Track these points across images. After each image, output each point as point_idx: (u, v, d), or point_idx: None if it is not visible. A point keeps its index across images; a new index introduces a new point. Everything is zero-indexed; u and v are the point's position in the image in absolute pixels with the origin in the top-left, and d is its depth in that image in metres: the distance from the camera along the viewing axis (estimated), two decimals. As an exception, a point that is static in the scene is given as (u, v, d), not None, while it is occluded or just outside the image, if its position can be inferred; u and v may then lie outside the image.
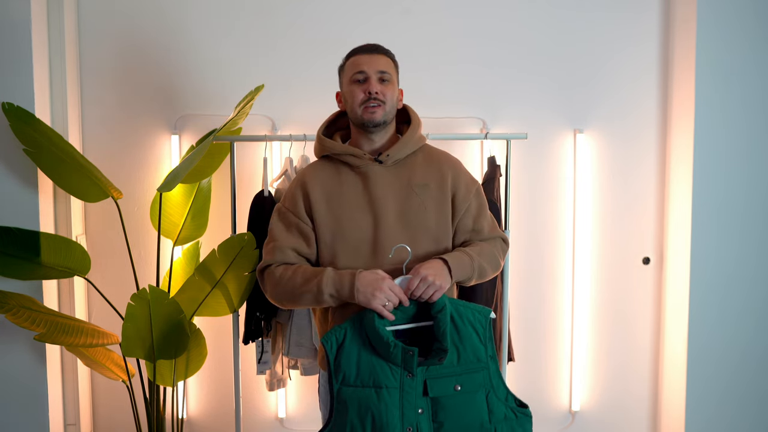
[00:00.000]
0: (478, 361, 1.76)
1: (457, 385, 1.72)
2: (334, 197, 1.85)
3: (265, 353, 2.55)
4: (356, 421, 1.71)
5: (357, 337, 1.72)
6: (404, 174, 1.87)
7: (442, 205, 1.86)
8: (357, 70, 1.86)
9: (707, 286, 2.87)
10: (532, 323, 3.02)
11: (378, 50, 1.89)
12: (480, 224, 1.90)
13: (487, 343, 1.77)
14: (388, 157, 1.85)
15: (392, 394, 1.70)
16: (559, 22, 2.96)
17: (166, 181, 2.42)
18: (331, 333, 1.73)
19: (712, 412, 2.92)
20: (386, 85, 1.85)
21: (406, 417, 1.70)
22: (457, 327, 1.74)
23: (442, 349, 1.69)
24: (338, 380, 1.73)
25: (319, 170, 1.92)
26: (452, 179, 1.89)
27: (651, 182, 3.02)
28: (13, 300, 2.41)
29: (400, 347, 1.67)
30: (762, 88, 2.85)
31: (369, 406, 1.70)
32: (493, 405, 1.75)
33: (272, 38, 2.91)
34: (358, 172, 1.87)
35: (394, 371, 1.70)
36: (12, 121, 2.44)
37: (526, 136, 2.57)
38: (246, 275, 2.51)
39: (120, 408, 2.97)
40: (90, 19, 2.87)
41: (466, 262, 1.80)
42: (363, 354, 1.72)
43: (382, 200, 1.83)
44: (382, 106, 1.84)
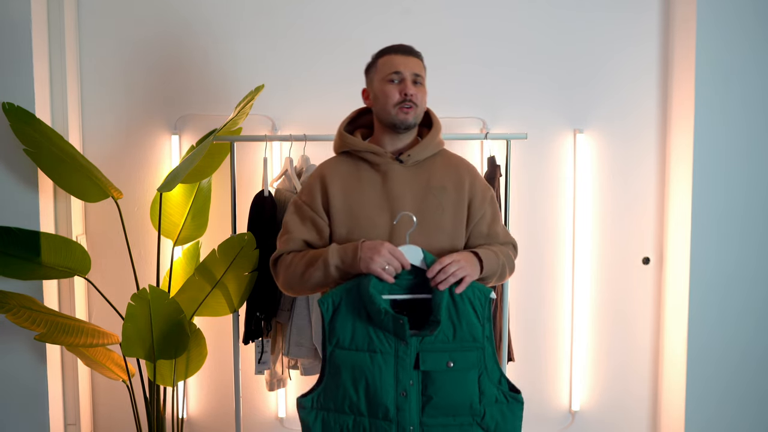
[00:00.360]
0: (474, 340, 1.75)
1: (450, 362, 1.72)
2: (353, 193, 1.87)
3: (265, 353, 2.56)
4: (349, 383, 1.72)
5: (353, 301, 1.72)
6: (423, 175, 1.89)
7: (459, 208, 1.88)
8: (393, 69, 1.85)
9: (707, 286, 2.87)
10: (532, 323, 3.02)
11: (413, 52, 1.90)
12: (494, 230, 1.93)
13: (484, 322, 1.76)
14: (409, 157, 1.87)
15: (387, 359, 1.71)
16: (559, 22, 2.96)
17: (166, 181, 2.42)
18: (327, 295, 1.73)
19: (712, 412, 2.92)
20: (419, 88, 1.87)
21: (401, 382, 1.71)
22: (455, 302, 1.74)
23: (436, 321, 1.70)
24: (332, 343, 1.73)
25: (339, 165, 1.92)
26: (469, 185, 1.91)
27: (651, 182, 3.02)
28: (14, 300, 2.41)
29: (390, 315, 1.68)
30: (762, 88, 2.85)
31: (363, 369, 1.71)
32: (485, 386, 1.76)
33: (272, 38, 2.91)
34: (378, 170, 1.88)
35: (389, 337, 1.71)
36: (12, 121, 2.44)
37: (526, 136, 2.57)
38: (246, 275, 2.51)
39: (120, 408, 2.97)
40: (90, 19, 2.87)
41: (493, 258, 1.82)
42: (358, 319, 1.72)
43: (400, 199, 1.85)
44: (415, 108, 1.85)
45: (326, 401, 1.75)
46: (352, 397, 1.72)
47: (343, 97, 2.92)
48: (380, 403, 1.71)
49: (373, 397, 1.71)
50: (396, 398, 1.71)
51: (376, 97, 1.89)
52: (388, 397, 1.71)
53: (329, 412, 1.75)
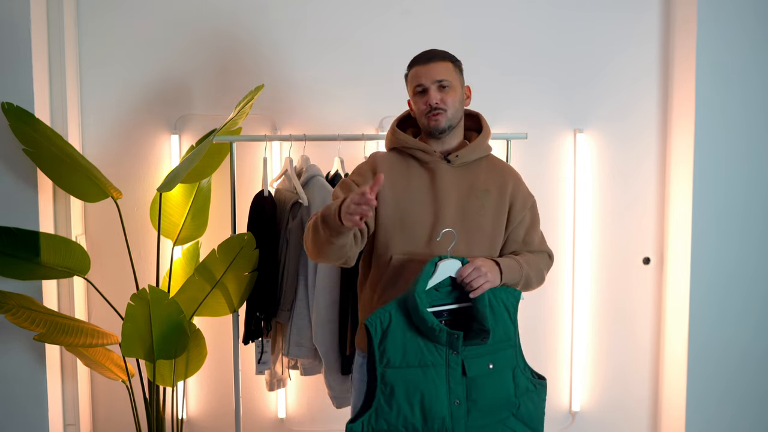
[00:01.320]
0: (508, 339, 1.82)
1: (491, 363, 1.78)
2: (400, 186, 1.90)
3: (265, 353, 2.55)
4: (403, 401, 1.74)
5: (401, 319, 1.75)
6: (469, 177, 1.92)
7: (500, 211, 1.92)
8: (416, 83, 1.90)
9: (707, 286, 2.87)
10: (532, 323, 3.02)
11: (435, 57, 1.91)
12: (531, 237, 1.96)
13: (515, 322, 1.84)
14: (457, 158, 1.91)
15: (438, 371, 1.75)
16: (559, 22, 2.96)
17: (166, 181, 2.42)
18: (375, 316, 1.75)
19: (712, 412, 2.92)
20: (446, 92, 1.88)
21: (453, 391, 1.75)
22: (492, 307, 1.80)
23: (484, 329, 1.75)
24: (383, 363, 1.74)
25: (390, 159, 1.96)
26: (512, 189, 1.95)
27: (651, 182, 3.02)
28: (13, 300, 2.41)
29: (445, 331, 1.72)
30: (762, 88, 2.85)
31: (417, 384, 1.74)
32: (518, 379, 1.83)
33: (273, 38, 2.91)
34: (426, 168, 1.92)
35: (439, 349, 1.75)
36: (12, 121, 2.44)
37: (526, 136, 2.57)
38: (246, 275, 2.51)
39: (120, 408, 2.96)
40: (89, 19, 2.87)
41: (515, 268, 1.86)
42: (408, 336, 1.75)
43: (445, 197, 1.89)
44: (444, 113, 1.88)
45: (378, 422, 1.75)
46: (407, 415, 1.74)
47: (344, 97, 2.92)
48: (436, 415, 1.73)
49: (429, 410, 1.73)
50: (450, 407, 1.75)
51: (412, 108, 1.96)
52: (443, 408, 1.74)
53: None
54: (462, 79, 1.95)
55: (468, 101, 1.99)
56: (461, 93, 1.93)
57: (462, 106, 1.94)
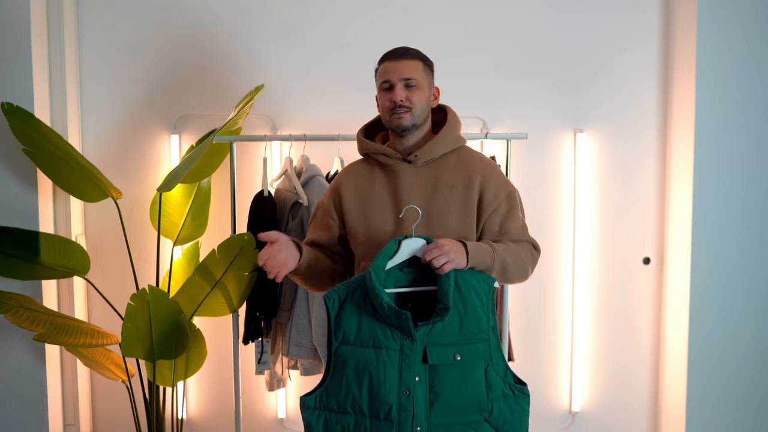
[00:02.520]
0: (480, 331, 1.73)
1: (457, 354, 1.70)
2: (364, 193, 1.92)
3: (265, 353, 2.55)
4: (353, 379, 1.71)
5: (359, 296, 1.72)
6: (433, 174, 1.90)
7: (467, 206, 1.87)
8: (384, 78, 1.89)
9: (707, 286, 2.87)
10: (532, 323, 3.02)
11: (405, 55, 1.89)
12: (508, 226, 1.89)
13: (489, 313, 1.74)
14: (417, 157, 1.89)
15: (391, 355, 1.69)
16: (559, 22, 2.96)
17: (166, 181, 2.42)
18: (333, 290, 1.73)
19: (712, 412, 2.92)
20: (413, 91, 1.86)
21: (404, 380, 1.69)
22: (461, 293, 1.72)
23: (445, 307, 1.67)
24: (338, 338, 1.72)
25: (356, 168, 1.99)
26: (480, 181, 1.89)
27: (651, 182, 3.02)
28: (13, 300, 2.41)
29: (393, 309, 1.66)
30: (762, 88, 2.85)
31: (367, 365, 1.69)
32: (492, 380, 1.73)
33: (272, 38, 2.91)
34: (388, 171, 1.92)
35: (394, 333, 1.69)
36: (12, 121, 2.44)
37: (526, 136, 2.57)
38: (246, 275, 2.51)
39: (119, 408, 2.96)
40: (89, 19, 2.87)
41: (485, 251, 1.78)
42: (364, 314, 1.71)
43: (407, 199, 1.87)
44: (410, 111, 1.86)
45: (329, 401, 1.74)
46: (355, 395, 1.71)
47: (344, 97, 2.92)
48: (382, 402, 1.68)
49: (376, 395, 1.68)
50: (399, 396, 1.69)
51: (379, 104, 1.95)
52: (390, 395, 1.68)
53: (331, 412, 1.74)
54: (431, 80, 1.93)
55: (435, 102, 1.96)
56: (428, 93, 1.91)
57: (428, 107, 1.92)
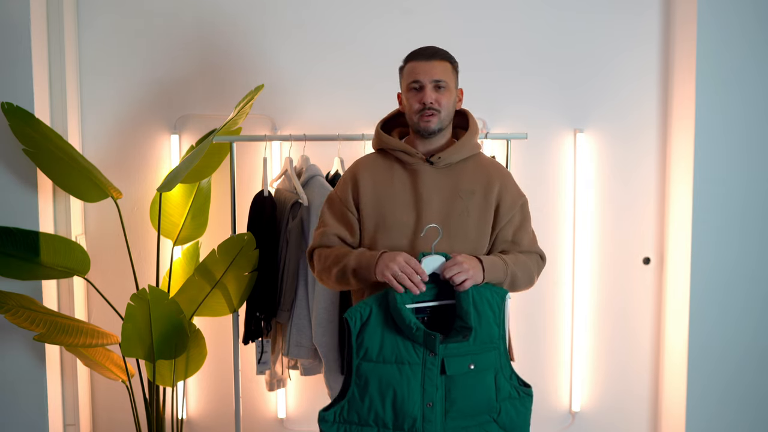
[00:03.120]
0: (491, 341, 1.78)
1: (472, 364, 1.75)
2: (383, 189, 1.89)
3: (265, 353, 2.55)
4: (376, 396, 1.73)
5: (381, 314, 1.74)
6: (453, 178, 1.89)
7: (485, 213, 1.88)
8: (413, 78, 1.86)
9: (707, 286, 2.87)
10: (532, 323, 3.02)
11: (435, 56, 1.88)
12: (519, 237, 1.92)
13: (500, 324, 1.80)
14: (440, 159, 1.88)
15: (414, 370, 1.73)
16: (559, 22, 2.96)
17: (166, 181, 2.42)
18: (355, 309, 1.74)
19: (712, 412, 2.92)
20: (442, 93, 1.86)
21: (427, 392, 1.73)
22: (476, 306, 1.76)
23: (466, 327, 1.72)
24: (359, 356, 1.74)
25: (373, 162, 1.95)
26: (499, 189, 1.90)
27: (651, 182, 3.02)
28: (13, 300, 2.41)
29: (422, 331, 1.69)
30: (762, 88, 2.85)
31: (390, 381, 1.72)
32: (500, 384, 1.79)
33: (273, 38, 2.91)
34: (408, 170, 1.90)
35: (417, 349, 1.73)
36: (12, 121, 2.44)
37: (526, 136, 2.57)
38: (246, 275, 2.51)
39: (119, 408, 2.96)
40: (89, 19, 2.86)
41: (499, 266, 1.82)
42: (386, 332, 1.74)
43: (427, 200, 1.86)
44: (437, 114, 1.85)
45: (350, 414, 1.76)
46: (378, 410, 1.74)
47: (344, 97, 2.92)
48: (407, 415, 1.72)
49: (400, 408, 1.72)
50: (423, 408, 1.73)
51: (403, 103, 1.92)
52: (414, 408, 1.73)
53: (352, 425, 1.76)
54: (457, 81, 1.93)
55: (460, 104, 1.96)
56: (455, 95, 1.92)
57: (454, 109, 1.92)
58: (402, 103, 1.94)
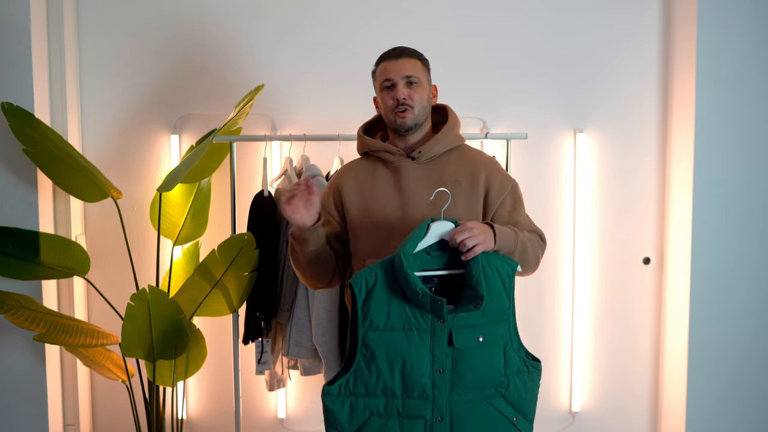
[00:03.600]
0: (501, 312, 1.74)
1: (480, 336, 1.71)
2: (366, 190, 1.91)
3: (265, 353, 2.55)
4: (384, 366, 1.69)
5: (387, 281, 1.70)
6: (437, 171, 1.90)
7: (473, 202, 1.89)
8: (384, 77, 1.90)
9: (707, 286, 2.87)
10: (532, 323, 3.01)
11: (403, 54, 1.91)
12: (516, 218, 1.91)
13: (510, 295, 1.76)
14: (421, 153, 1.89)
15: (423, 337, 1.70)
16: (559, 22, 2.96)
17: (166, 181, 2.42)
18: (360, 275, 1.70)
19: (712, 412, 2.92)
20: (414, 89, 1.88)
21: (437, 359, 1.70)
22: (486, 276, 1.71)
23: (477, 296, 1.67)
24: (365, 325, 1.70)
25: (356, 166, 1.99)
26: (486, 177, 1.90)
27: (651, 182, 3.02)
28: (13, 300, 2.41)
29: (428, 296, 1.66)
30: (762, 88, 2.85)
31: (399, 349, 1.69)
32: (510, 357, 1.76)
33: (273, 38, 2.91)
34: (391, 168, 1.92)
35: (425, 315, 1.69)
36: (12, 121, 2.44)
37: (526, 136, 2.57)
38: (246, 275, 2.51)
39: (119, 408, 2.96)
40: (89, 19, 2.86)
41: (509, 234, 1.79)
42: (393, 298, 1.70)
43: (412, 195, 1.88)
44: (411, 110, 1.87)
45: (356, 386, 1.72)
46: (386, 379, 1.70)
47: (344, 97, 2.92)
48: (417, 382, 1.69)
49: (410, 376, 1.69)
50: (432, 375, 1.70)
51: (379, 104, 1.95)
52: (424, 375, 1.69)
53: (358, 396, 1.72)
54: (429, 78, 1.95)
55: (435, 100, 1.98)
56: (428, 91, 1.93)
57: (429, 105, 1.93)
58: (378, 107, 1.97)
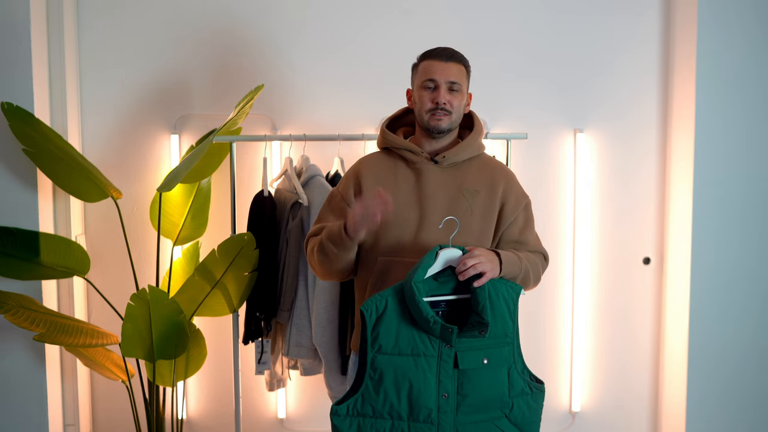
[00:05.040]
0: (506, 335, 1.79)
1: (485, 359, 1.76)
2: (386, 186, 1.89)
3: (265, 353, 2.55)
4: (391, 388, 1.73)
5: (398, 307, 1.74)
6: (457, 177, 1.90)
7: (489, 212, 1.90)
8: (428, 77, 1.88)
9: (707, 286, 2.87)
10: (532, 323, 3.01)
11: (453, 58, 1.89)
12: (525, 237, 1.94)
13: (514, 319, 1.81)
14: (445, 159, 1.89)
15: (430, 362, 1.74)
16: (559, 23, 2.96)
17: (166, 181, 2.42)
18: (371, 301, 1.75)
19: (712, 412, 2.92)
20: (455, 95, 1.88)
21: (442, 384, 1.74)
22: (491, 301, 1.76)
23: (483, 322, 1.72)
24: (374, 349, 1.74)
25: (377, 160, 1.97)
26: (504, 189, 1.92)
27: (651, 182, 3.02)
28: (13, 300, 2.41)
29: (440, 324, 1.70)
30: (762, 89, 2.85)
31: (406, 373, 1.73)
32: (514, 379, 1.80)
33: (273, 38, 2.91)
34: (413, 168, 1.91)
35: (433, 341, 1.74)
36: (12, 121, 2.44)
37: (526, 136, 2.57)
38: (246, 275, 2.51)
39: (119, 408, 2.96)
40: (89, 19, 2.86)
41: (515, 261, 1.83)
42: (402, 324, 1.74)
43: (431, 199, 1.87)
44: (449, 115, 1.87)
45: (364, 407, 1.76)
46: (393, 402, 1.74)
47: (344, 98, 2.92)
48: (422, 406, 1.73)
49: (416, 400, 1.73)
50: (438, 400, 1.74)
51: (414, 100, 1.93)
52: (430, 400, 1.73)
53: (366, 418, 1.76)
54: (468, 85, 1.95)
55: (468, 108, 1.98)
56: (466, 98, 1.94)
57: (464, 112, 1.94)
58: (411, 100, 1.95)
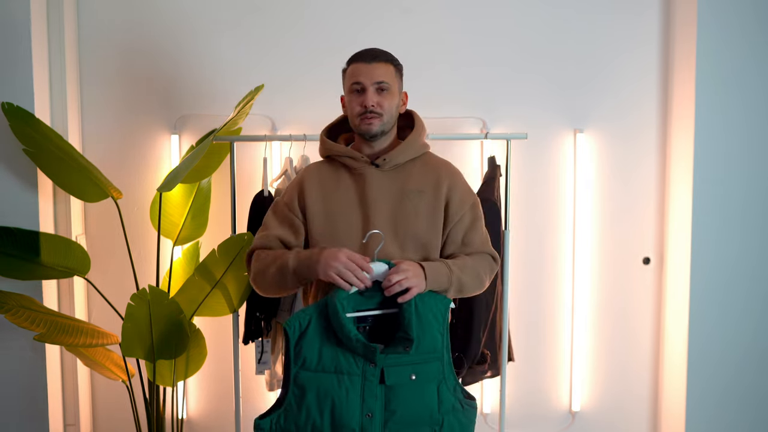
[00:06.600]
0: (434, 350, 1.75)
1: (413, 375, 1.72)
2: (329, 196, 1.87)
3: (265, 353, 2.55)
4: (314, 406, 1.70)
5: (321, 323, 1.71)
6: (400, 179, 1.87)
7: (435, 212, 1.85)
8: (354, 80, 1.84)
9: (707, 286, 2.87)
10: (532, 323, 3.02)
11: (378, 58, 1.85)
12: (470, 238, 1.89)
13: (444, 333, 1.76)
14: (385, 161, 1.86)
15: (354, 381, 1.70)
16: (559, 22, 2.96)
17: (166, 181, 2.42)
18: (294, 318, 1.72)
19: (712, 412, 2.92)
20: (384, 96, 1.83)
21: (366, 403, 1.70)
22: (419, 316, 1.72)
23: (408, 338, 1.68)
24: (297, 364, 1.71)
25: (319, 169, 1.94)
26: (448, 188, 1.88)
27: (651, 182, 3.02)
28: (13, 300, 2.41)
29: (362, 343, 1.66)
30: (762, 88, 2.85)
31: (329, 391, 1.70)
32: (443, 395, 1.76)
33: (272, 38, 2.91)
34: (354, 174, 1.88)
35: (357, 360, 1.70)
36: (12, 121, 2.44)
37: (526, 136, 2.57)
38: (246, 275, 2.51)
39: (120, 408, 2.96)
40: (90, 19, 2.87)
41: (443, 274, 1.78)
42: (325, 341, 1.71)
43: (374, 203, 1.84)
44: (380, 117, 1.83)
45: (287, 423, 1.73)
46: (315, 420, 1.71)
47: (343, 97, 2.92)
48: (345, 425, 1.70)
49: (339, 419, 1.69)
50: (361, 419, 1.70)
51: (346, 105, 1.90)
52: (353, 419, 1.70)
53: None
54: (401, 84, 1.90)
55: (404, 107, 1.94)
56: (399, 98, 1.89)
57: (397, 112, 1.89)
58: (345, 106, 1.92)
